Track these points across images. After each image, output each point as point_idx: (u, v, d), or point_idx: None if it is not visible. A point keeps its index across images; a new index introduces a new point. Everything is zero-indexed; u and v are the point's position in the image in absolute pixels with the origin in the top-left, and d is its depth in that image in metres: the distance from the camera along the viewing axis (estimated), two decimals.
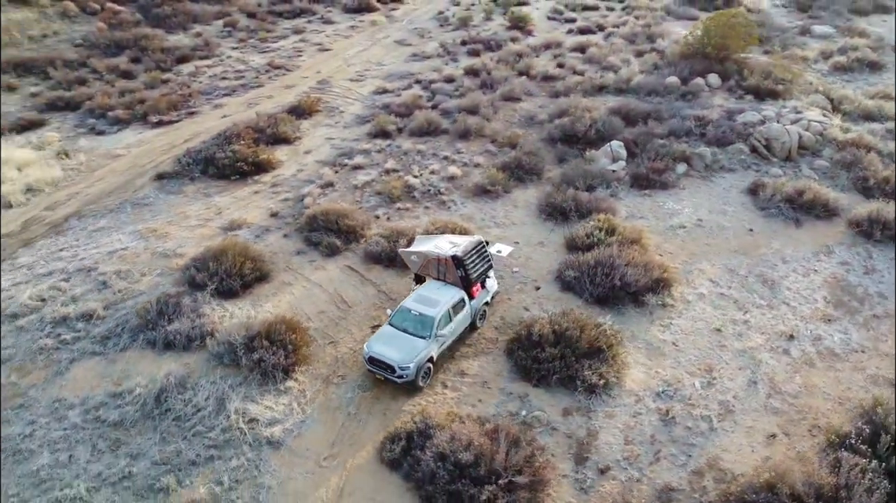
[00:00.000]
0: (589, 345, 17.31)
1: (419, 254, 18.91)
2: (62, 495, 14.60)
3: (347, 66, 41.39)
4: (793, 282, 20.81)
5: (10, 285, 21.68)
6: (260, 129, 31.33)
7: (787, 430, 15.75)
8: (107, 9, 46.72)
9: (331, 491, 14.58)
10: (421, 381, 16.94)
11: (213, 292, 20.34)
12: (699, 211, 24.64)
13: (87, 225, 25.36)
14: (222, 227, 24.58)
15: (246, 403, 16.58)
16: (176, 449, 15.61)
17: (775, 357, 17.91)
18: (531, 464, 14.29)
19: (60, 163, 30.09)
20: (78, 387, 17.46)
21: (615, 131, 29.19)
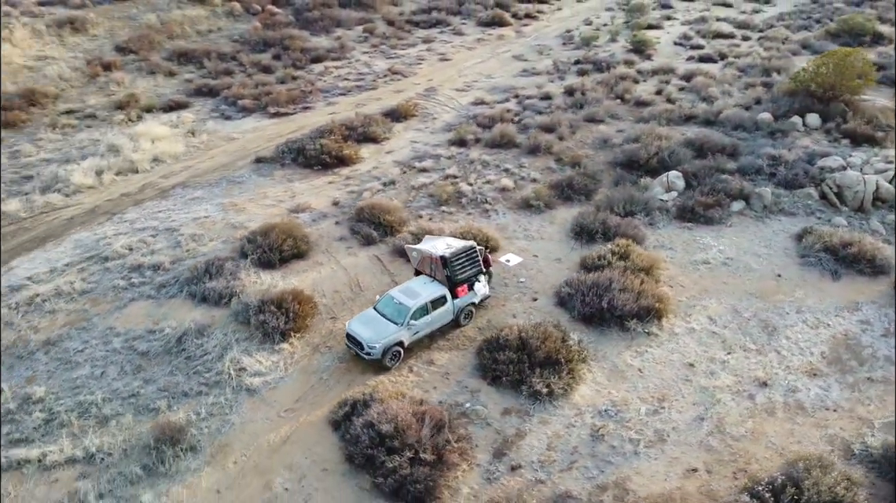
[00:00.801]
0: (546, 356, 18.32)
1: (419, 251, 20.87)
2: (83, 399, 18.30)
3: (458, 77, 43.87)
4: (796, 332, 20.20)
5: (113, 234, 26.40)
6: (353, 127, 34.64)
7: (711, 468, 15.87)
8: (266, 10, 52.93)
9: (279, 437, 17.01)
10: (389, 362, 18.90)
11: (254, 261, 23.62)
12: (732, 250, 24.23)
13: (187, 194, 29.89)
14: (289, 208, 27.96)
15: (242, 355, 19.48)
16: (177, 381, 18.85)
17: (737, 400, 17.80)
18: (443, 446, 15.78)
19: (187, 140, 35.32)
20: (128, 320, 21.34)
21: (679, 162, 29.09)
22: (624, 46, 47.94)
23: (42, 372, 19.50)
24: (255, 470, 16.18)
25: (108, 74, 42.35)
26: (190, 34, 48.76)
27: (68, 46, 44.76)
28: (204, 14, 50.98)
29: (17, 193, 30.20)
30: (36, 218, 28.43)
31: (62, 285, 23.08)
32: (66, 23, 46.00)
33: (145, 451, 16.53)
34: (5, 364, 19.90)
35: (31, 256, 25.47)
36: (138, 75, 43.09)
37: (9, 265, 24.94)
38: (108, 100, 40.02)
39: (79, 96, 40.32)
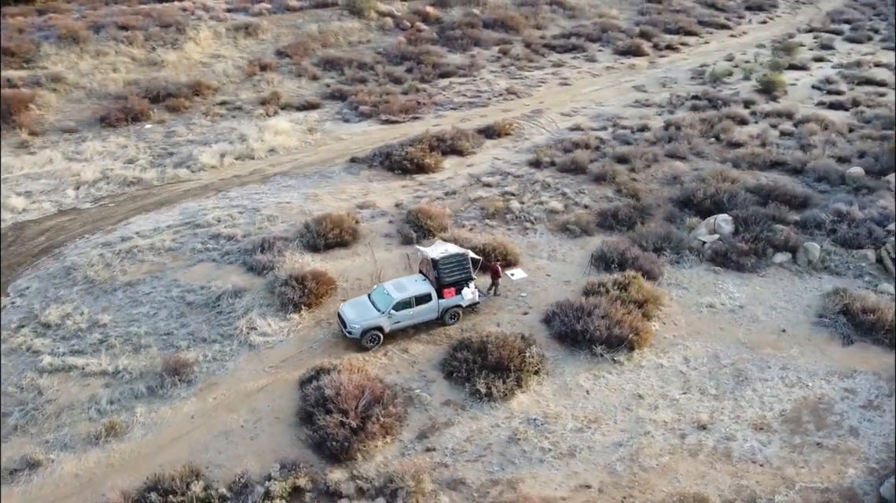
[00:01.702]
0: (497, 362, 19.91)
1: (422, 252, 23.26)
2: (132, 330, 22.88)
3: (570, 102, 45.20)
4: (767, 387, 19.83)
5: (211, 207, 31.49)
6: (444, 139, 37.55)
7: (604, 489, 16.66)
8: (414, 27, 57.56)
9: (256, 386, 20.28)
10: (368, 343, 21.50)
11: (301, 244, 27.32)
12: (748, 299, 23.83)
13: (283, 182, 34.54)
14: (357, 204, 31.45)
15: (258, 317, 23.09)
16: (202, 328, 22.88)
17: (666, 436, 18.19)
18: (369, 418, 18.08)
19: (303, 136, 40.33)
20: (190, 276, 25.88)
21: (736, 206, 28.61)
22: (754, 86, 46.30)
23: (114, 305, 24.46)
24: (227, 407, 19.55)
25: (262, 74, 48.97)
26: (341, 44, 54.58)
27: (239, 48, 52.26)
28: (358, 27, 56.70)
29: (158, 165, 36.68)
30: (163, 187, 34.51)
31: (156, 242, 28.29)
32: (242, 28, 53.70)
33: (154, 377, 20.57)
34: (93, 293, 25.19)
35: (147, 216, 31.19)
36: (287, 77, 49.31)
37: (127, 220, 30.85)
38: (256, 96, 46.41)
39: (234, 91, 47.16)
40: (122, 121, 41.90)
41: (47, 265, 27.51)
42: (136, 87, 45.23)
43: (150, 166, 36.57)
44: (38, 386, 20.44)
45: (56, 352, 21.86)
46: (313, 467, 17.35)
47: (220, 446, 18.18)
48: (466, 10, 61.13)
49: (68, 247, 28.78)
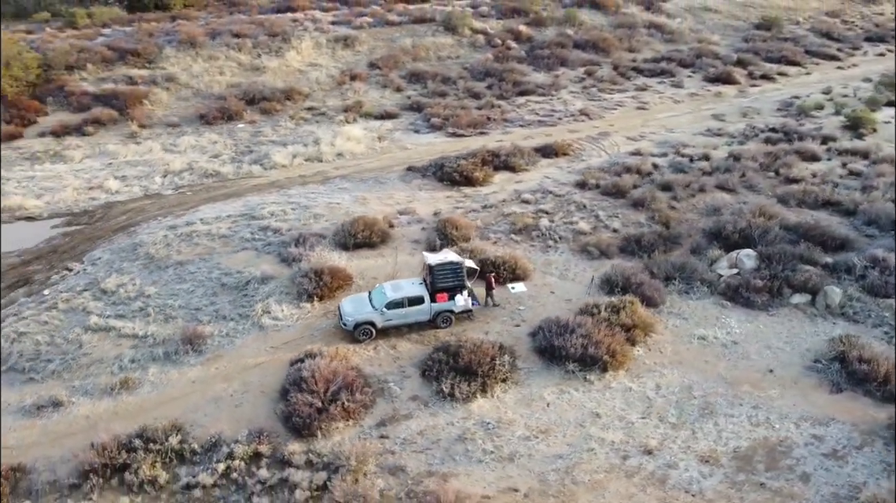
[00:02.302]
0: (467, 366, 21.12)
1: (425, 257, 24.84)
2: (169, 303, 25.98)
3: (640, 126, 45.06)
4: (730, 423, 19.70)
5: (270, 202, 34.58)
6: (498, 154, 38.87)
7: (529, 495, 17.46)
8: (505, 44, 59.10)
9: (254, 362, 22.62)
10: (360, 336, 23.33)
11: (332, 241, 29.64)
12: (745, 336, 23.48)
13: (340, 184, 37.23)
14: (398, 209, 33.45)
15: (274, 303, 25.55)
16: (226, 308, 25.63)
17: (608, 455, 18.63)
18: (335, 401, 19.86)
19: (372, 144, 42.99)
20: (231, 261, 28.86)
21: (767, 242, 27.98)
22: (841, 121, 44.08)
23: (162, 280, 27.82)
24: (224, 377, 22.01)
25: (351, 84, 52.37)
26: (431, 58, 57.11)
27: (335, 58, 56.08)
28: (450, 43, 59.04)
29: (237, 161, 40.57)
30: (236, 181, 38.21)
31: (213, 229, 31.63)
32: (341, 39, 57.55)
33: (173, 344, 23.45)
34: (148, 268, 28.72)
35: (214, 206, 34.79)
36: (373, 87, 52.43)
37: (197, 208, 34.56)
38: (341, 103, 49.78)
39: (322, 98, 50.80)
40: (218, 119, 46.43)
41: (121, 240, 31.52)
42: (236, 90, 49.87)
43: (230, 161, 40.51)
44: (80, 341, 23.88)
45: (103, 315, 25.32)
46: (278, 438, 19.35)
47: (207, 409, 20.60)
48: (560, 30, 61.92)
49: (142, 226, 32.76)
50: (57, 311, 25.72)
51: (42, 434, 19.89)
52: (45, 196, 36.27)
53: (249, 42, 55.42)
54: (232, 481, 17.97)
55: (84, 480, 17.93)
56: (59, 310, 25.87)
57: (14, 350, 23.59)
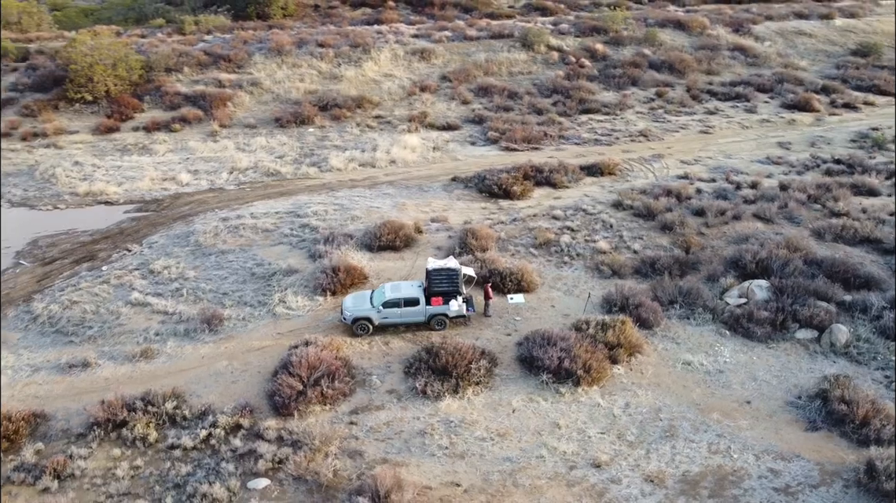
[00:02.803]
0: (443, 367, 22.31)
1: (429, 261, 26.22)
2: (202, 286, 28.73)
3: (697, 151, 44.42)
4: (688, 447, 19.78)
5: (316, 202, 37.09)
6: (542, 170, 39.64)
7: (469, 491, 18.34)
8: (578, 62, 59.45)
9: (260, 345, 24.76)
10: (358, 330, 25.01)
11: (358, 242, 31.57)
12: (733, 366, 23.26)
13: (386, 190, 39.24)
14: (431, 217, 35.02)
15: (291, 294, 27.72)
16: (248, 295, 28.04)
17: (556, 464, 19.21)
18: (314, 386, 21.59)
19: (426, 153, 44.78)
20: (266, 254, 31.36)
21: (784, 275, 27.39)
22: None
23: (203, 265, 30.70)
24: (229, 356, 24.28)
25: (420, 95, 54.49)
26: (502, 73, 58.38)
27: (411, 70, 58.46)
28: (524, 59, 60.08)
29: (297, 163, 43.46)
30: (292, 181, 41.04)
31: (260, 223, 34.38)
32: (419, 52, 59.90)
33: (194, 323, 26.03)
34: (194, 254, 31.72)
35: (267, 202, 37.66)
36: (441, 99, 54.29)
37: (252, 203, 37.53)
38: (407, 113, 51.95)
39: (391, 107, 53.19)
40: (291, 123, 49.72)
41: (178, 228, 34.85)
42: (312, 96, 53.14)
43: (292, 163, 43.46)
44: (119, 313, 26.94)
45: (144, 292, 28.37)
46: (260, 413, 21.30)
47: (207, 382, 22.88)
48: (638, 50, 61.53)
49: (199, 217, 36.01)
50: (107, 286, 29.02)
51: (67, 389, 22.80)
52: (126, 184, 40.45)
53: (332, 52, 58.76)
54: (209, 446, 20.03)
55: (89, 431, 20.53)
56: (110, 284, 29.17)
57: (64, 315, 26.94)
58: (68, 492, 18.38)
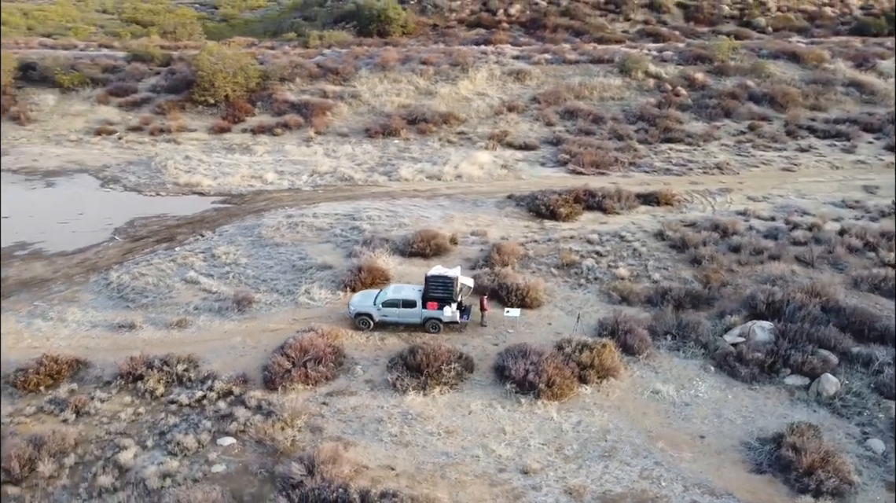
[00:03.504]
0: (416, 365, 24.22)
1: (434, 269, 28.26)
2: (247, 272, 32.50)
3: (771, 188, 42.97)
4: (620, 470, 20.14)
5: (373, 208, 40.12)
6: (594, 194, 40.28)
7: (400, 475, 20.07)
8: (674, 90, 58.65)
9: (273, 328, 27.87)
10: (359, 325, 27.50)
11: (390, 247, 34.10)
12: (704, 402, 23.22)
13: (441, 202, 41.61)
14: (471, 230, 36.93)
15: (317, 287, 30.73)
16: (282, 284, 31.38)
17: (487, 464, 20.46)
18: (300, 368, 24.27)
19: (493, 170, 46.65)
20: (311, 250, 34.69)
21: (792, 318, 26.68)
22: None
23: (256, 255, 34.54)
24: (246, 334, 27.58)
25: (507, 114, 56.41)
26: (593, 98, 58.93)
27: (504, 90, 60.54)
28: (619, 84, 60.24)
29: (371, 171, 46.91)
30: (361, 187, 44.49)
31: (317, 222, 37.90)
32: (515, 73, 61.86)
33: (228, 302, 29.70)
34: (253, 245, 35.70)
35: (331, 204, 41.22)
36: (526, 120, 55.92)
37: (318, 204, 41.28)
38: (489, 131, 54.08)
39: (476, 124, 55.56)
40: (379, 134, 53.50)
41: (249, 220, 39.17)
42: (404, 110, 56.71)
43: (367, 170, 46.98)
44: (173, 287, 31.23)
45: (199, 272, 32.56)
46: (252, 385, 24.26)
47: (220, 353, 26.26)
48: (741, 81, 59.68)
49: (270, 212, 40.19)
50: (173, 263, 33.55)
51: (111, 344, 27.08)
52: (220, 179, 45.74)
53: (432, 69, 62.11)
54: (200, 406, 23.23)
55: (113, 381, 24.45)
56: (176, 262, 33.68)
57: (130, 284, 31.61)
58: (79, 425, 22.22)
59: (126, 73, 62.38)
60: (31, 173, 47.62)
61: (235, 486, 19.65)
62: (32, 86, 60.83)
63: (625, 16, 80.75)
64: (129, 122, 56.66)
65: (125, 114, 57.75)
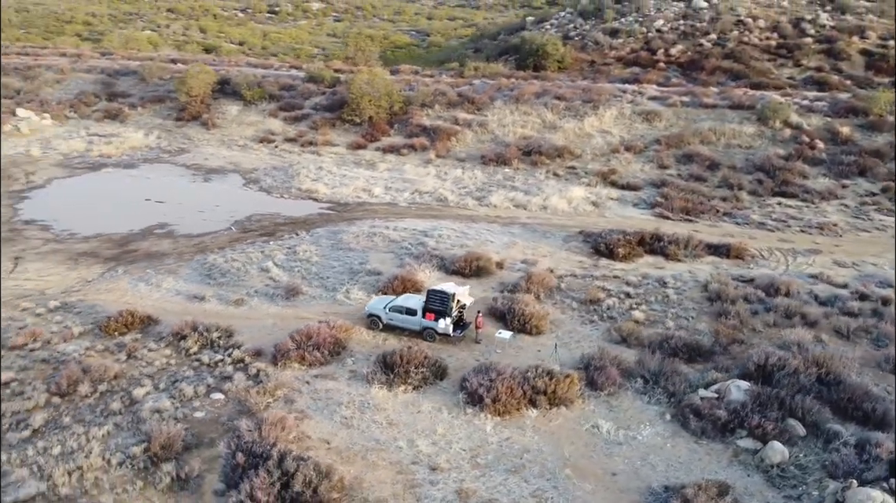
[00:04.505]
0: (391, 364, 27.42)
1: None
2: (312, 269, 37.80)
3: (868, 255, 39.80)
4: (517, 485, 21.61)
5: (446, 227, 43.71)
6: (660, 239, 40.38)
7: (331, 449, 23.49)
8: (811, 142, 54.98)
9: (305, 317, 32.53)
10: (371, 325, 31.27)
11: (436, 263, 37.47)
12: (640, 446, 23.66)
13: (513, 229, 44.09)
14: (525, 258, 39.11)
15: (356, 289, 35.04)
16: (330, 282, 36.14)
17: (404, 455, 22.92)
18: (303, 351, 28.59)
19: (581, 206, 47.98)
20: (373, 257, 39.21)
21: (778, 385, 25.88)
22: None
23: (328, 256, 39.75)
24: (281, 317, 32.53)
25: (622, 154, 56.97)
26: (718, 144, 57.24)
27: (629, 129, 60.98)
28: (752, 132, 57.85)
29: (466, 195, 50.44)
30: (451, 208, 48.30)
31: (393, 234, 42.42)
32: (645, 113, 61.99)
33: (281, 291, 35.05)
34: (331, 248, 41.06)
35: (415, 220, 45.48)
36: (640, 160, 56.07)
37: (404, 219, 45.82)
38: (600, 168, 55.16)
39: (588, 161, 56.84)
40: (492, 162, 57.02)
41: (339, 226, 44.73)
42: (523, 142, 59.61)
43: (463, 194, 50.66)
44: (248, 272, 37.31)
45: (276, 263, 38.42)
46: (262, 358, 28.93)
47: (252, 330, 31.40)
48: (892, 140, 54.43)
49: (360, 221, 45.46)
50: (260, 254, 39.81)
51: (181, 310, 33.51)
52: (335, 188, 52.12)
53: (563, 104, 64.30)
54: (215, 367, 28.39)
55: (165, 337, 30.60)
56: (263, 254, 39.91)
57: (221, 266, 38.22)
58: (124, 365, 28.41)
59: (297, 92, 72.16)
60: (197, 169, 57.79)
61: (201, 430, 24.31)
62: (225, 97, 72.80)
63: (795, 61, 76.01)
64: (287, 133, 65.81)
65: (287, 126, 67.07)
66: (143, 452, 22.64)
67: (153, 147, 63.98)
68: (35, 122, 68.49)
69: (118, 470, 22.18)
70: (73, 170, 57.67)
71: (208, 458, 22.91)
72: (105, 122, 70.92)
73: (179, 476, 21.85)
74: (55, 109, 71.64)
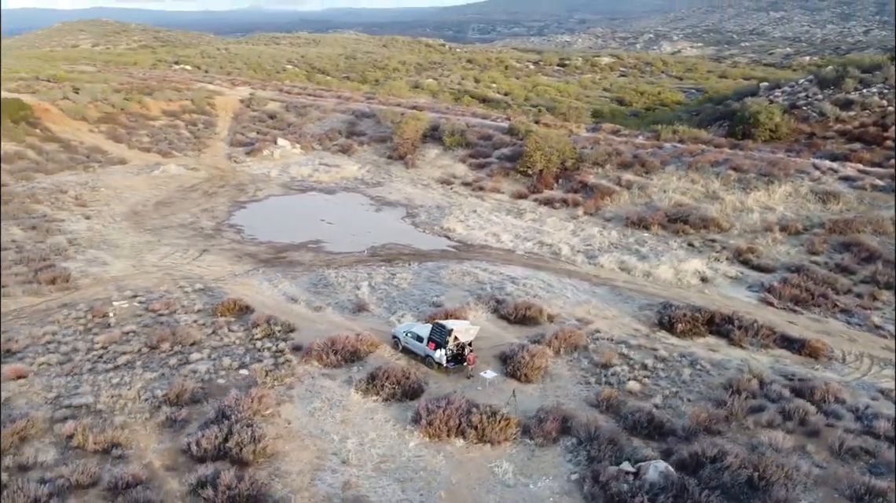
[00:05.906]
0: (373, 377, 32.24)
1: None
2: (391, 293, 43.98)
3: None
4: (395, 492, 25.20)
5: (538, 279, 46.63)
6: (731, 321, 38.69)
7: (288, 433, 29.28)
8: None
9: (355, 327, 38.79)
10: (394, 345, 36.27)
11: (495, 307, 40.89)
12: (530, 491, 25.33)
13: (598, 290, 45.23)
14: (582, 317, 40.64)
15: (409, 316, 40.25)
16: (395, 306, 41.81)
17: (324, 446, 27.77)
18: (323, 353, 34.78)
19: (686, 278, 46.90)
20: (449, 292, 44.08)
21: (700, 474, 25.19)
22: None
23: (417, 286, 45.32)
24: (335, 325, 39.02)
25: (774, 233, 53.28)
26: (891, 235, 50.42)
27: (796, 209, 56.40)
28: None
29: (579, 252, 52.17)
30: (558, 262, 50.61)
31: (482, 276, 46.61)
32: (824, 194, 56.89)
33: (352, 305, 41.71)
34: (423, 280, 46.75)
35: (516, 268, 48.90)
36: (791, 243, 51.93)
37: (509, 265, 49.60)
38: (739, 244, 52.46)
39: (733, 236, 54.21)
40: (633, 225, 57.56)
41: (449, 263, 50.04)
42: (674, 209, 58.90)
43: (580, 251, 52.48)
44: (344, 289, 44.63)
45: (370, 283, 45.23)
46: (297, 353, 35.77)
47: (309, 330, 38.21)
48: None
49: (468, 262, 50.20)
50: (367, 275, 46.99)
51: (275, 306, 41.82)
52: (472, 231, 57.43)
53: (735, 175, 61.75)
54: (260, 351, 35.80)
55: (249, 324, 39.04)
56: (368, 276, 46.99)
57: (328, 280, 46.12)
58: (203, 336, 37.26)
59: (492, 142, 79.13)
60: (377, 201, 67.71)
61: (212, 391, 31.73)
62: (432, 142, 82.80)
63: None
64: (467, 177, 72.96)
65: (469, 171, 74.30)
66: (163, 396, 30.69)
67: (359, 178, 75.93)
68: (287, 151, 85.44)
69: (141, 403, 30.52)
70: (289, 190, 71.69)
71: (201, 412, 30.12)
72: (337, 154, 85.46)
73: (172, 418, 29.34)
74: (306, 142, 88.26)
